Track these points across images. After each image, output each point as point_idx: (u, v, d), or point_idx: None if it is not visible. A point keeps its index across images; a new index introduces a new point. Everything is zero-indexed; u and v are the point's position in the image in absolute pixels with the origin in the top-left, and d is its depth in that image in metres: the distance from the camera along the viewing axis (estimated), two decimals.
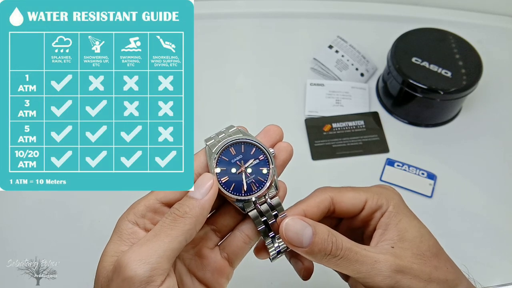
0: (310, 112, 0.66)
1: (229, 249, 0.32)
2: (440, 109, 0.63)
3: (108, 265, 0.27)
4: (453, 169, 0.61)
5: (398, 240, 0.30)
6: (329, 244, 0.28)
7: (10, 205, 0.56)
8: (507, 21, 0.78)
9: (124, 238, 0.28)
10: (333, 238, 0.29)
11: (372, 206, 0.32)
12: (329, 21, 0.78)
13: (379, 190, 0.33)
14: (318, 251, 0.28)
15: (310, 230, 0.29)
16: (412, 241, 0.30)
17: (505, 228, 0.56)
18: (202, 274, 0.31)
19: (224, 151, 0.30)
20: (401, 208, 0.32)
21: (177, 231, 0.27)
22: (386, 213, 0.32)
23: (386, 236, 0.31)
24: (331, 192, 0.32)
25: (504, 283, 0.51)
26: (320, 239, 0.28)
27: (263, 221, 0.31)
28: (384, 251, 0.30)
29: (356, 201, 0.32)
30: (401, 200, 0.33)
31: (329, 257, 0.29)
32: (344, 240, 0.29)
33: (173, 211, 0.28)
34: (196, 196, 0.28)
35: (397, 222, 0.31)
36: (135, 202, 0.30)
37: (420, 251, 0.30)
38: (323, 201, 0.32)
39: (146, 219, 0.29)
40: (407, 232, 0.31)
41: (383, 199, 0.32)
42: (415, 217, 0.32)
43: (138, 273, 0.25)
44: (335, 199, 0.32)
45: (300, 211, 0.32)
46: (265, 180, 0.30)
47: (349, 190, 0.33)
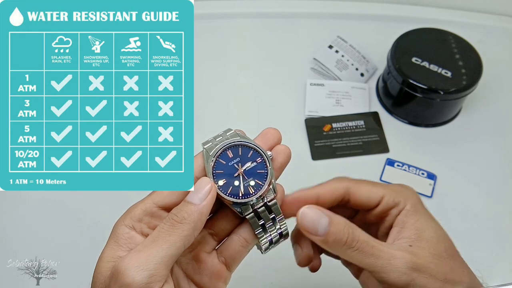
0: (310, 112, 0.66)
1: (227, 253, 0.31)
2: (440, 109, 0.63)
3: (105, 271, 0.27)
4: (453, 169, 0.61)
5: (415, 239, 0.30)
6: (344, 234, 0.28)
7: (10, 205, 0.56)
8: (507, 21, 0.78)
9: (121, 243, 0.28)
10: (350, 229, 0.29)
11: (388, 202, 0.32)
12: (329, 21, 0.78)
13: (398, 188, 0.33)
14: (333, 241, 0.28)
15: (326, 220, 0.28)
16: (430, 241, 0.30)
17: (505, 228, 0.56)
18: (199, 278, 0.31)
19: (221, 154, 0.30)
20: (418, 208, 0.32)
21: (176, 237, 0.27)
22: (404, 211, 0.31)
23: (403, 234, 0.30)
24: (348, 182, 0.32)
25: (504, 283, 0.51)
26: (336, 229, 0.28)
27: (260, 224, 0.30)
28: (402, 248, 0.29)
29: (372, 194, 0.32)
30: (419, 200, 0.33)
31: (345, 247, 0.28)
32: (361, 233, 0.29)
33: (171, 216, 0.28)
34: (194, 201, 0.28)
35: (414, 221, 0.31)
36: (132, 206, 0.29)
37: (437, 251, 0.30)
38: (338, 188, 0.32)
39: (143, 223, 0.28)
40: (425, 232, 0.30)
41: (401, 197, 0.32)
42: (432, 218, 0.32)
43: (136, 279, 0.25)
44: (352, 189, 0.32)
45: (313, 193, 0.31)
46: (263, 183, 0.30)
47: (366, 183, 0.33)
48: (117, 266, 0.26)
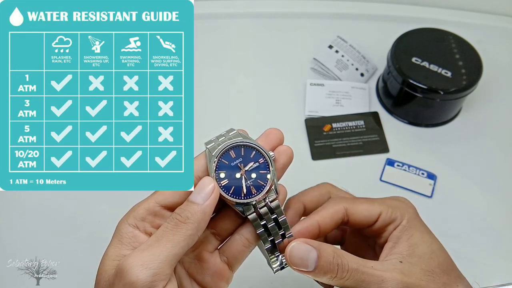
0: (310, 112, 0.66)
1: (229, 253, 0.32)
2: (440, 109, 0.63)
3: (109, 269, 0.27)
4: (453, 169, 0.61)
5: (407, 255, 0.30)
6: (334, 266, 0.29)
7: (10, 205, 0.56)
8: (507, 21, 0.78)
9: (125, 242, 0.28)
10: (339, 260, 0.29)
11: (385, 219, 0.32)
12: (329, 21, 0.78)
13: (394, 203, 0.33)
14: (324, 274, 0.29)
15: (315, 254, 0.29)
16: (422, 257, 0.30)
17: (505, 228, 0.56)
18: (202, 277, 0.31)
19: (224, 154, 0.30)
20: (414, 222, 0.32)
21: (180, 236, 0.27)
22: (399, 226, 0.31)
23: (396, 249, 0.31)
24: (345, 203, 0.32)
25: (504, 283, 0.51)
26: (325, 262, 0.29)
27: (262, 224, 0.31)
28: (392, 267, 0.29)
29: (370, 213, 0.32)
30: (415, 214, 0.33)
31: (336, 279, 0.29)
32: (350, 261, 0.29)
33: (175, 216, 0.28)
34: (198, 201, 0.28)
35: (408, 236, 0.31)
36: (135, 205, 0.29)
37: (429, 267, 0.30)
38: (337, 212, 0.32)
39: (146, 222, 0.29)
40: (418, 248, 0.30)
41: (397, 213, 0.32)
42: (428, 232, 0.32)
43: (140, 278, 0.25)
44: (349, 210, 0.32)
45: (314, 223, 0.32)
46: (265, 183, 0.30)
47: (363, 202, 0.33)
48: (121, 265, 0.26)
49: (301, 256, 0.29)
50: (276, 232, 0.31)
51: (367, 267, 0.29)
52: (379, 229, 0.32)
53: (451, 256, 0.32)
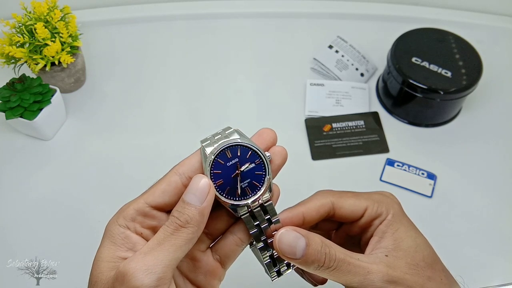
0: (310, 112, 0.66)
1: (221, 251, 0.32)
2: (440, 109, 0.63)
3: (106, 271, 0.27)
4: (453, 169, 0.61)
5: (392, 249, 0.30)
6: (322, 255, 0.29)
7: (10, 205, 0.56)
8: (507, 21, 0.78)
9: (118, 243, 0.28)
10: (327, 249, 0.29)
11: (371, 214, 0.32)
12: (329, 21, 0.78)
13: (380, 198, 0.33)
14: (311, 262, 0.29)
15: (303, 242, 0.29)
16: (407, 251, 0.30)
17: (505, 228, 0.56)
18: (195, 276, 0.31)
19: (220, 154, 0.30)
20: (399, 217, 0.32)
21: (181, 240, 0.27)
22: (385, 221, 0.32)
23: (382, 244, 0.31)
24: (332, 197, 0.32)
25: (504, 283, 0.51)
26: (313, 251, 0.28)
27: (255, 224, 0.30)
28: (378, 260, 0.30)
29: (356, 208, 0.32)
30: (400, 209, 0.33)
31: (323, 268, 0.29)
32: (337, 251, 0.29)
33: (174, 220, 0.27)
34: (195, 203, 0.27)
35: (394, 231, 0.31)
36: (124, 206, 0.29)
37: (414, 261, 0.30)
38: (324, 205, 0.32)
39: (136, 223, 0.28)
40: (403, 242, 0.31)
41: (383, 208, 0.32)
42: (413, 227, 0.32)
43: (145, 282, 0.25)
44: (336, 204, 0.32)
45: (299, 213, 0.32)
46: (260, 184, 0.30)
47: (350, 196, 0.33)
48: (123, 269, 0.26)
49: (289, 243, 0.29)
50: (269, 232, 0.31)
51: (354, 258, 0.29)
52: (365, 224, 0.32)
53: (451, 256, 0.33)
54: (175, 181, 0.29)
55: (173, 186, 0.29)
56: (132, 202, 0.29)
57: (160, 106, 0.67)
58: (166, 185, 0.29)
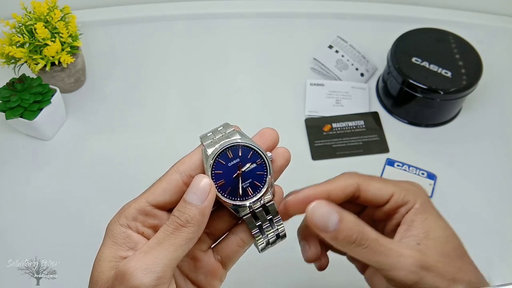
0: (310, 112, 0.66)
1: (223, 252, 0.31)
2: (440, 109, 0.63)
3: (107, 270, 0.27)
4: (453, 169, 0.61)
5: (423, 237, 0.30)
6: (354, 232, 0.28)
7: (10, 205, 0.56)
8: (507, 21, 0.78)
9: (120, 242, 0.28)
10: (360, 227, 0.28)
11: (398, 200, 0.31)
12: (329, 21, 0.78)
13: (407, 186, 0.32)
14: (343, 238, 0.28)
15: (336, 216, 0.28)
16: (437, 240, 0.30)
17: (505, 228, 0.56)
18: (195, 276, 0.31)
19: (221, 154, 0.30)
20: (427, 206, 0.31)
21: (181, 239, 0.27)
22: (412, 209, 0.31)
23: (411, 232, 0.30)
24: (358, 179, 0.32)
25: (504, 283, 0.51)
26: (346, 227, 0.28)
27: (257, 225, 0.30)
28: (410, 247, 0.29)
29: (382, 192, 0.31)
30: (428, 199, 0.32)
31: (354, 245, 0.28)
32: (370, 231, 0.29)
33: (175, 219, 0.27)
34: (196, 202, 0.27)
35: (423, 220, 0.30)
36: (125, 205, 0.29)
37: (445, 250, 0.30)
38: (349, 186, 0.31)
39: (138, 222, 0.28)
40: (433, 231, 0.30)
41: (410, 196, 0.31)
42: (441, 217, 0.32)
43: (144, 282, 0.25)
44: (362, 186, 0.32)
45: (324, 191, 0.31)
46: (262, 185, 0.30)
47: (377, 180, 0.32)
48: (123, 268, 0.26)
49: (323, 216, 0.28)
50: (270, 231, 0.31)
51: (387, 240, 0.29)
52: (390, 210, 0.32)
53: None
54: (175, 179, 0.29)
55: (174, 185, 0.29)
56: (133, 201, 0.29)
57: (160, 106, 0.67)
58: (167, 183, 0.29)
